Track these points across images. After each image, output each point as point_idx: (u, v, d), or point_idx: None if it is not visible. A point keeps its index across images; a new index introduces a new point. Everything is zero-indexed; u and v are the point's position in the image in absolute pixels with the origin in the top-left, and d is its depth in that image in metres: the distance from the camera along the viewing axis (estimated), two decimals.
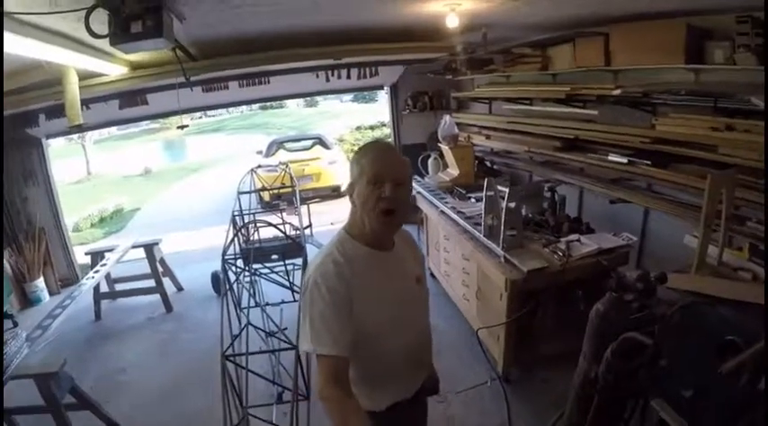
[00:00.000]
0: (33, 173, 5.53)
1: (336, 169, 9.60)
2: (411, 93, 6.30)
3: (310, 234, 5.67)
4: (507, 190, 2.86)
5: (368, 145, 1.62)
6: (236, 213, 4.43)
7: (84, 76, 3.53)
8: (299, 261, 3.83)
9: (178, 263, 5.90)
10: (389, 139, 6.97)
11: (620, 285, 1.69)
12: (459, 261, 3.63)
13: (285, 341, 2.62)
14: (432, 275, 4.52)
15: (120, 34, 2.05)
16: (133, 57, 3.51)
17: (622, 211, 3.43)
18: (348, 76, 5.19)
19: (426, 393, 1.72)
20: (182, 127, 5.27)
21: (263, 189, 5.37)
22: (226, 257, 3.46)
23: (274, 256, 4.25)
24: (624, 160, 3.22)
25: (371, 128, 14.51)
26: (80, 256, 5.97)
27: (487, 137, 5.07)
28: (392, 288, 1.50)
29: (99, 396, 3.06)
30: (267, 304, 3.66)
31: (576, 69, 3.50)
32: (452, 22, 2.91)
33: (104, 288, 4.99)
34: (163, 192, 13.90)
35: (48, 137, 5.65)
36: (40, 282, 5.38)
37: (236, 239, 4.47)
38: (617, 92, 3.07)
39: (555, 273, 2.62)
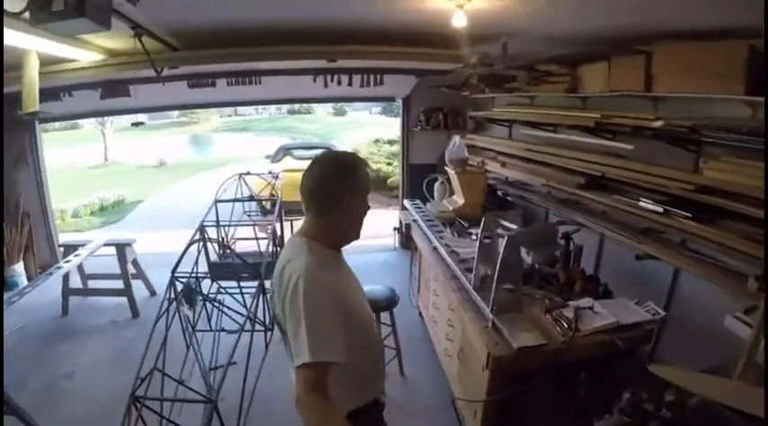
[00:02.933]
0: (24, 156, 5.44)
1: None
2: (424, 108, 5.86)
3: None
4: (512, 229, 2.36)
5: (354, 158, 1.64)
6: (205, 223, 4.04)
7: (51, 62, 3.25)
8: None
9: (160, 264, 5.51)
10: (399, 156, 6.58)
11: (637, 409, 1.16)
12: (445, 310, 3.12)
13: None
14: (420, 315, 4.11)
15: (39, 12, 1.79)
16: (108, 43, 3.18)
17: (647, 268, 2.89)
18: (349, 83, 4.73)
19: None
20: (137, 124, 4.83)
21: (247, 198, 4.92)
22: (177, 274, 3.08)
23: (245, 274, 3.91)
24: (659, 209, 2.68)
25: (390, 142, 14.11)
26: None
27: (503, 164, 4.56)
28: (357, 283, 1.66)
29: (39, 402, 3.08)
30: (222, 329, 3.25)
31: (609, 93, 2.99)
32: (460, 22, 2.45)
33: (77, 282, 4.89)
34: (172, 186, 13.93)
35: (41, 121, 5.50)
36: (19, 267, 5.30)
37: (204, 251, 4.11)
38: (658, 124, 2.54)
39: (555, 351, 2.07)
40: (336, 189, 1.49)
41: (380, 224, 8.80)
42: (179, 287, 3.04)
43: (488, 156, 4.96)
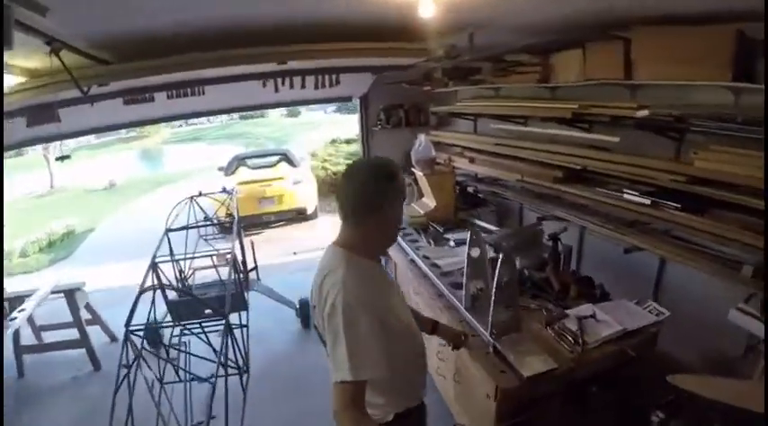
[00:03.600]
0: None
1: (302, 190, 8.97)
2: (384, 106, 5.62)
3: (256, 277, 4.93)
4: (491, 231, 2.17)
5: (392, 165, 1.57)
6: (158, 259, 3.66)
7: None
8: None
9: (118, 302, 5.11)
10: (359, 158, 6.25)
11: None
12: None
13: None
14: None
15: None
16: (25, 62, 2.80)
17: (631, 260, 2.76)
18: (302, 85, 4.41)
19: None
20: (61, 158, 4.24)
21: (201, 224, 4.52)
22: (131, 328, 2.64)
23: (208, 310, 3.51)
24: (646, 201, 2.56)
25: (347, 141, 13.83)
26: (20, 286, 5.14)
27: (471, 160, 4.39)
28: (397, 292, 1.67)
29: None
30: (193, 378, 2.87)
31: (585, 82, 2.86)
32: (427, 11, 2.23)
33: (30, 336, 4.37)
34: (124, 209, 13.13)
35: None
36: None
37: (161, 291, 3.71)
38: (643, 113, 2.41)
39: (565, 372, 1.90)
40: (376, 197, 1.48)
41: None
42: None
43: (454, 152, 4.79)
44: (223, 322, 2.78)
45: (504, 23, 2.81)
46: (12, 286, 5.83)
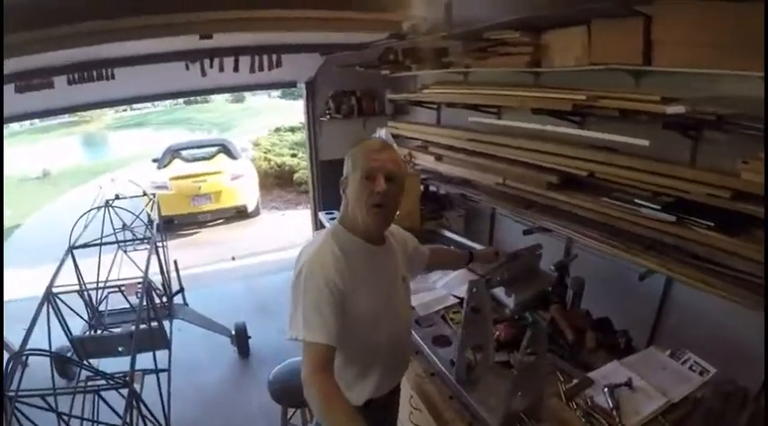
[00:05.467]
0: None
1: (242, 185, 8.38)
2: (333, 92, 5.01)
3: (182, 301, 4.26)
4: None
5: (364, 141, 1.70)
6: (56, 290, 3.10)
7: None
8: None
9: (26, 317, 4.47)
10: (305, 151, 5.75)
11: None
12: (404, 382, 2.35)
13: None
14: None
15: None
16: None
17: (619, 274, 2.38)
18: (235, 68, 3.73)
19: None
20: None
21: (111, 242, 3.86)
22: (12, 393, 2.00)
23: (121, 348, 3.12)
24: (670, 218, 2.10)
25: (292, 130, 13.13)
26: None
27: (438, 157, 3.85)
28: (381, 282, 1.67)
29: None
30: None
31: (589, 67, 2.36)
32: None
33: None
34: (56, 201, 12.20)
35: None
36: None
37: (62, 326, 3.22)
38: (676, 109, 1.92)
39: None
40: (345, 167, 1.62)
41: (287, 229, 7.95)
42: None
43: (412, 146, 4.28)
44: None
45: None
46: None
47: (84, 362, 2.86)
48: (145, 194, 4.64)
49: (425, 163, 4.00)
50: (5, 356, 3.50)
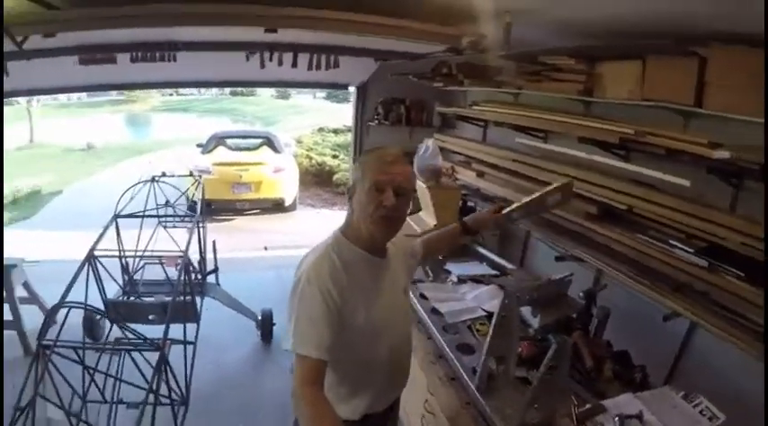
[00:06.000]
0: None
1: (283, 179, 8.58)
2: (383, 99, 5.12)
3: (215, 280, 4.42)
4: (514, 279, 1.84)
5: (374, 149, 1.70)
6: (98, 254, 3.26)
7: None
8: None
9: (65, 278, 4.69)
10: (350, 153, 5.88)
11: None
12: (419, 384, 2.42)
13: None
14: None
15: None
16: None
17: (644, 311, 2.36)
18: (294, 64, 3.81)
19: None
20: None
21: (157, 214, 4.06)
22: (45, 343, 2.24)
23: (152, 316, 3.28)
24: (703, 262, 2.11)
25: (335, 131, 13.39)
26: None
27: (480, 174, 3.91)
28: (381, 295, 1.63)
29: None
30: (121, 401, 2.58)
31: (640, 102, 2.39)
32: None
33: None
34: (98, 174, 12.81)
35: None
36: None
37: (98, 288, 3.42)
38: (722, 154, 1.94)
39: None
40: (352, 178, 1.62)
41: (320, 227, 8.08)
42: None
43: (458, 161, 4.34)
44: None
45: (551, 16, 2.36)
46: None
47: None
48: (191, 174, 4.82)
49: (466, 178, 4.07)
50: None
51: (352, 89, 5.24)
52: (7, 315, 3.86)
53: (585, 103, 2.92)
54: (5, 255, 4.06)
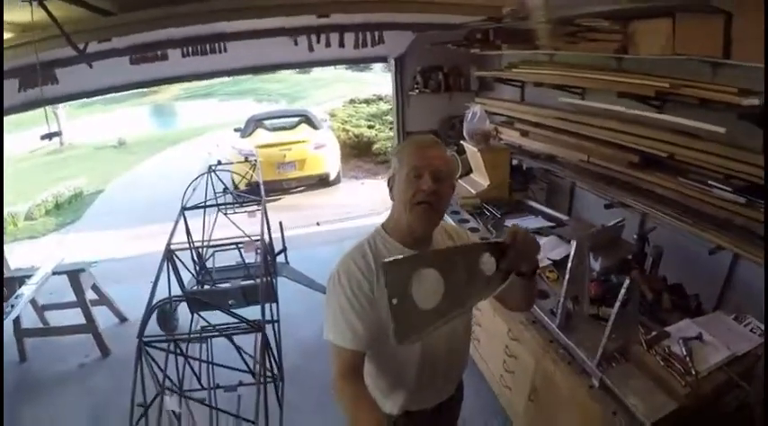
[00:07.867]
0: None
1: (325, 154, 8.87)
2: (421, 68, 5.42)
3: (284, 260, 4.78)
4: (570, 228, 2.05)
5: (411, 137, 1.68)
6: (174, 247, 3.48)
7: None
8: None
9: (128, 276, 5.17)
10: (392, 124, 6.21)
11: None
12: (498, 333, 2.84)
13: None
14: None
15: None
16: (20, 17, 2.53)
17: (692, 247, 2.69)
18: (341, 44, 4.15)
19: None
20: (49, 136, 3.70)
21: (218, 203, 4.32)
22: (147, 339, 2.33)
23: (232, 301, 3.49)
24: (740, 199, 2.42)
25: (366, 102, 13.63)
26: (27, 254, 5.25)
27: (524, 133, 4.23)
28: (418, 290, 1.46)
29: None
30: (218, 386, 2.72)
31: (672, 56, 2.66)
32: None
33: (31, 315, 4.29)
34: (135, 169, 13.07)
35: None
36: None
37: (177, 281, 3.63)
38: (751, 101, 2.23)
39: (680, 410, 1.81)
40: (391, 169, 1.58)
41: (366, 197, 8.45)
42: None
43: (498, 122, 4.63)
44: (247, 322, 2.54)
45: None
46: (17, 252, 5.82)
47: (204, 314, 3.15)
48: (247, 160, 5.19)
49: (510, 138, 4.39)
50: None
51: (390, 61, 5.50)
52: (78, 319, 4.07)
53: (618, 60, 3.19)
54: (71, 260, 4.48)
